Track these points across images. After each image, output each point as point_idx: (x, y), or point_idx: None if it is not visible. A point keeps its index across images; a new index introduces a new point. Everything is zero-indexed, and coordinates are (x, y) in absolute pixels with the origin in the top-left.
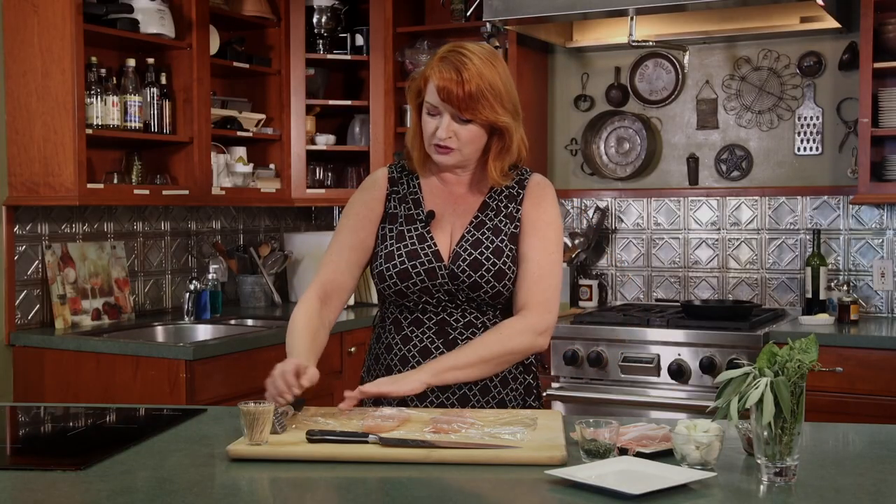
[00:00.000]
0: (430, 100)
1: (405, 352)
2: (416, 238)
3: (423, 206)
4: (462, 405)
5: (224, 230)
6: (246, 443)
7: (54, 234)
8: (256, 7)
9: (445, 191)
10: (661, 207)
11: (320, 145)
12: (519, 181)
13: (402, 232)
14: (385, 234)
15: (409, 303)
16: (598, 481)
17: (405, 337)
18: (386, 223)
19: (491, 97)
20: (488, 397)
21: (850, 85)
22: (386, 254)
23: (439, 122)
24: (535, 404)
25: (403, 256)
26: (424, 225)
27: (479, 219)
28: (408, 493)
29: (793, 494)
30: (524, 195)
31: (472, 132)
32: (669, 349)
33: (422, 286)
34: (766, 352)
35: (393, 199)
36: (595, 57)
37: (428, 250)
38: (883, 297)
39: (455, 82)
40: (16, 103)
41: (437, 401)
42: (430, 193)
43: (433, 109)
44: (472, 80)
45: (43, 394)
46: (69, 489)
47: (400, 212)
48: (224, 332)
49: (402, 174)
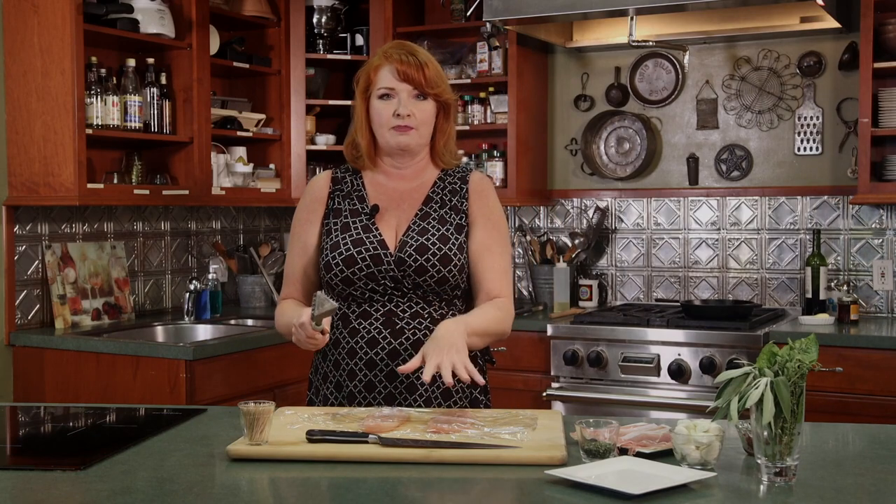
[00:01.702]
0: (384, 84)
1: (353, 344)
2: (362, 228)
3: (368, 201)
4: (410, 394)
5: (224, 230)
6: (246, 443)
7: (54, 234)
8: (256, 7)
9: (389, 187)
10: (661, 207)
11: (320, 145)
12: (461, 177)
13: (346, 224)
14: (330, 228)
15: (356, 292)
16: (598, 481)
17: (353, 329)
18: (330, 218)
19: (441, 77)
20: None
21: (850, 85)
22: (331, 244)
23: (395, 104)
24: (483, 398)
25: (349, 244)
26: (369, 217)
27: (424, 210)
28: (408, 493)
29: (793, 494)
30: (468, 189)
31: (427, 110)
32: (669, 349)
33: (367, 272)
34: (766, 352)
35: (336, 197)
36: (595, 57)
37: (374, 239)
38: (883, 297)
39: (412, 63)
40: (16, 103)
41: (385, 391)
42: (374, 190)
43: (388, 93)
44: (427, 63)
45: (43, 394)
46: (69, 489)
47: (344, 207)
48: (224, 332)
49: (346, 174)
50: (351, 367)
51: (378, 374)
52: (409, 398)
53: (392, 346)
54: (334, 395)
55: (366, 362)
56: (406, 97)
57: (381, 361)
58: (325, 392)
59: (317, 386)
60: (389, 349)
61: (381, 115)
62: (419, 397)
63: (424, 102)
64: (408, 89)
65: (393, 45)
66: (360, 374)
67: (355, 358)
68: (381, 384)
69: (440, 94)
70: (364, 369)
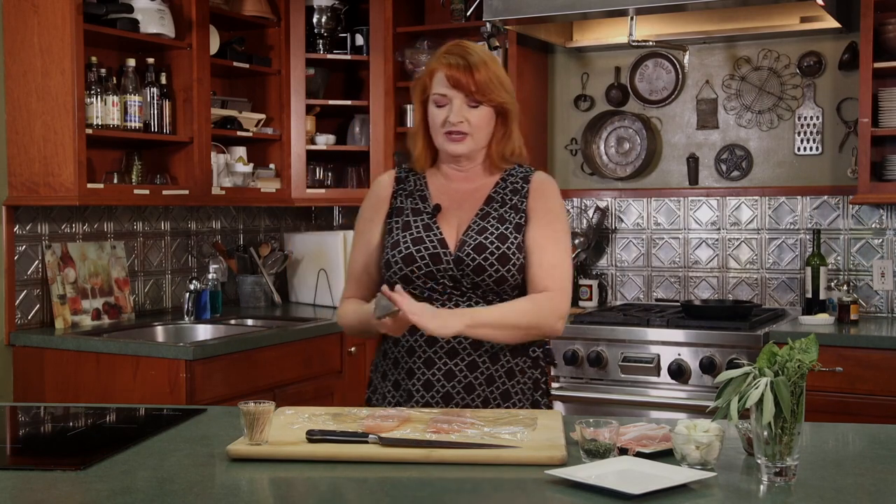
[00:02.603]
0: (438, 90)
1: (412, 342)
2: (422, 227)
3: (430, 200)
4: (468, 393)
5: (224, 230)
6: (246, 443)
7: (54, 234)
8: (256, 7)
9: (451, 187)
10: (661, 207)
11: (320, 145)
12: (524, 177)
13: (407, 222)
14: (391, 227)
15: (416, 290)
16: (598, 481)
17: (412, 328)
18: (392, 217)
19: (496, 81)
20: (493, 387)
21: (850, 85)
22: (392, 243)
23: (448, 110)
24: (543, 400)
25: (409, 242)
26: (431, 216)
27: (485, 210)
28: (408, 493)
29: (793, 494)
30: (529, 189)
31: (482, 116)
32: (669, 349)
33: (426, 270)
34: (766, 352)
35: (400, 196)
36: (595, 57)
37: (434, 237)
38: (883, 297)
39: (464, 68)
40: (16, 103)
41: (443, 390)
42: (436, 190)
43: (441, 100)
44: (479, 66)
45: (43, 394)
46: (69, 489)
47: (406, 206)
48: (224, 332)
49: (409, 174)
50: (410, 366)
51: (437, 372)
52: (468, 398)
53: (451, 344)
54: (392, 394)
55: (424, 361)
56: (459, 103)
57: (439, 360)
58: (383, 390)
59: (375, 384)
60: (448, 348)
61: (434, 121)
62: (477, 397)
63: (478, 108)
64: (460, 96)
65: (449, 47)
66: (419, 372)
67: (414, 356)
68: (438, 383)
69: (493, 99)
70: (423, 367)
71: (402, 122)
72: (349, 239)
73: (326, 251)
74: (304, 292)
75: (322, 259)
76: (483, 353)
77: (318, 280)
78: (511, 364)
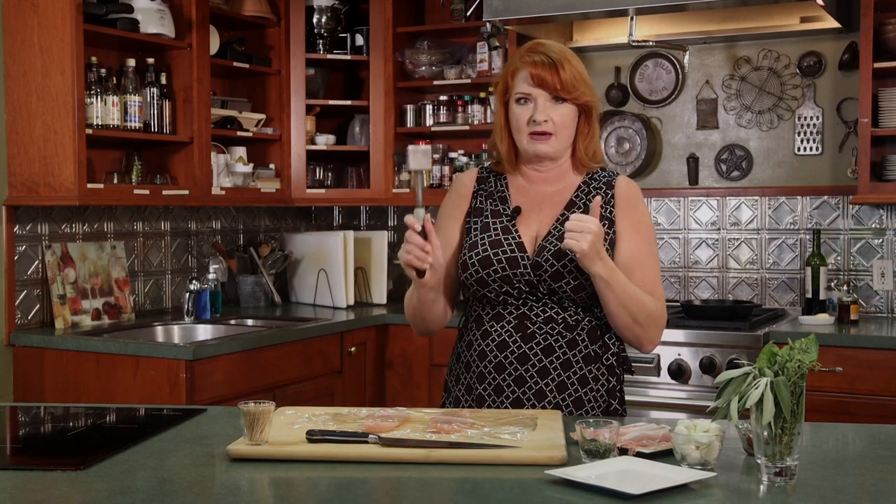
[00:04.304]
0: (521, 89)
1: (483, 346)
2: (501, 230)
3: (510, 202)
4: (539, 400)
5: (224, 230)
6: (246, 443)
7: (54, 234)
8: (256, 7)
9: (532, 190)
10: (661, 207)
11: (320, 145)
12: (607, 181)
13: (486, 224)
14: (470, 227)
15: (491, 293)
16: (598, 481)
17: (485, 332)
18: (472, 217)
19: (580, 78)
20: (564, 394)
21: (850, 85)
22: (470, 244)
23: (532, 109)
24: (620, 408)
25: (486, 245)
26: (510, 219)
27: (566, 215)
28: (408, 493)
29: (793, 494)
30: (614, 195)
31: (566, 114)
32: (669, 349)
33: (503, 274)
34: (766, 352)
35: (480, 196)
36: (595, 57)
37: (512, 241)
38: (883, 297)
39: (549, 66)
40: (16, 103)
41: (513, 395)
42: (516, 192)
43: (525, 98)
44: (563, 63)
45: (43, 394)
46: (69, 489)
47: (486, 207)
48: (224, 332)
49: (490, 174)
50: (480, 370)
51: (507, 377)
52: (539, 404)
53: (522, 350)
54: (465, 398)
55: (495, 365)
56: (543, 102)
57: (510, 365)
58: (456, 393)
59: (450, 388)
60: (519, 353)
61: (518, 120)
62: (548, 404)
63: (562, 106)
64: (544, 94)
65: (529, 46)
66: (490, 377)
67: (485, 360)
68: (509, 388)
69: (578, 97)
70: (493, 372)
71: (402, 122)
72: (349, 239)
73: (326, 251)
74: (304, 292)
75: (322, 259)
76: (554, 360)
77: (318, 280)
78: (584, 371)
